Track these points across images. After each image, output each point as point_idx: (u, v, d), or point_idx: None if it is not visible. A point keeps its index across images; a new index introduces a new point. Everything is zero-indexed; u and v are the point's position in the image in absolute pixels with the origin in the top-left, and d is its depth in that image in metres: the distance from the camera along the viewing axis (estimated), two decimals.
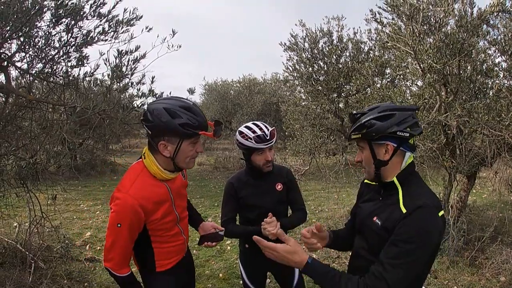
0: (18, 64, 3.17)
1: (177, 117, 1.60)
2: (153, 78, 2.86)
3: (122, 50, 2.76)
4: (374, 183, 1.73)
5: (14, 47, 3.09)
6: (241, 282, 2.89)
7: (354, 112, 1.62)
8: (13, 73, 3.40)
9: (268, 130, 2.28)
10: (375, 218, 1.53)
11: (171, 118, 1.59)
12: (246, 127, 2.31)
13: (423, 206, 1.39)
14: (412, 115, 1.51)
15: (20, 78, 3.50)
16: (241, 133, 2.30)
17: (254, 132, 2.25)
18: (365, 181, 1.82)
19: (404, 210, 1.41)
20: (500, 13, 3.65)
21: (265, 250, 1.55)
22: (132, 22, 2.84)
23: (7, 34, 2.85)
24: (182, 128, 1.60)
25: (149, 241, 1.87)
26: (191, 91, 2.69)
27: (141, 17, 2.84)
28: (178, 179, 1.94)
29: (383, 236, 1.46)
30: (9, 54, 3.09)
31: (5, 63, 3.06)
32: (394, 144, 1.49)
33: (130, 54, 2.79)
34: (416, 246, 1.34)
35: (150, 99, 2.95)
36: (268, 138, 2.25)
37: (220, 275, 4.24)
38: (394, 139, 1.48)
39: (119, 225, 1.67)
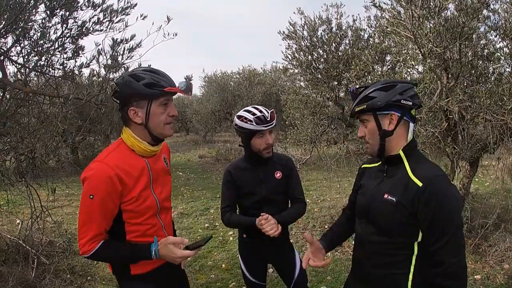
0: (14, 59, 3.14)
1: (141, 79, 1.57)
2: (149, 67, 2.81)
3: (117, 39, 2.72)
4: (374, 164, 1.72)
5: (9, 41, 3.06)
6: None
7: (357, 86, 1.64)
8: (10, 68, 3.38)
9: (268, 112, 2.25)
10: (386, 195, 1.51)
11: (135, 81, 1.57)
12: (245, 110, 2.28)
13: (437, 176, 1.43)
14: (412, 88, 1.54)
15: (17, 73, 3.47)
16: (240, 117, 2.26)
17: (254, 114, 2.22)
18: (363, 166, 1.81)
19: (419, 183, 1.41)
20: None
21: None
22: (127, 11, 2.80)
23: (2, 29, 2.81)
24: (148, 88, 1.57)
25: (123, 231, 1.67)
26: (189, 79, 2.62)
27: (136, 5, 2.80)
28: (159, 162, 1.82)
29: (399, 212, 1.46)
30: (5, 49, 3.06)
31: (1, 57, 3.03)
32: (398, 114, 1.51)
33: (126, 43, 2.75)
34: (456, 223, 1.39)
35: None
36: (268, 119, 2.22)
37: (223, 265, 4.24)
38: (398, 108, 1.51)
39: (91, 197, 1.52)
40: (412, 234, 1.46)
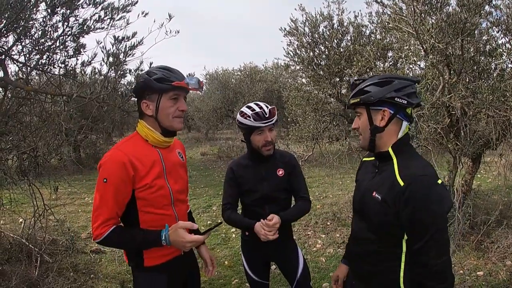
0: (16, 57, 3.14)
1: (153, 75, 1.70)
2: (151, 64, 2.82)
3: (118, 37, 2.72)
4: (371, 158, 1.71)
5: (11, 40, 3.06)
6: None
7: (355, 78, 1.62)
8: (12, 67, 3.38)
9: (267, 108, 2.23)
10: (374, 193, 1.50)
11: (148, 76, 1.70)
12: (247, 106, 2.27)
13: (421, 175, 1.40)
14: (412, 85, 1.50)
15: (18, 72, 3.48)
16: (241, 112, 2.25)
17: (253, 110, 2.20)
18: (363, 159, 1.82)
19: (401, 182, 1.40)
20: None
21: None
22: (128, 8, 2.79)
23: (3, 28, 2.81)
24: (157, 82, 1.67)
25: (137, 220, 1.73)
26: (190, 76, 2.63)
27: (137, 2, 2.80)
28: (173, 154, 1.90)
29: (384, 210, 1.45)
30: (6, 47, 3.06)
31: (3, 56, 3.03)
32: (391, 111, 1.49)
33: (127, 40, 2.75)
34: (438, 223, 1.36)
35: None
36: (267, 116, 2.19)
37: (226, 262, 4.25)
38: (391, 105, 1.48)
39: (105, 180, 1.62)
40: (399, 233, 1.44)
